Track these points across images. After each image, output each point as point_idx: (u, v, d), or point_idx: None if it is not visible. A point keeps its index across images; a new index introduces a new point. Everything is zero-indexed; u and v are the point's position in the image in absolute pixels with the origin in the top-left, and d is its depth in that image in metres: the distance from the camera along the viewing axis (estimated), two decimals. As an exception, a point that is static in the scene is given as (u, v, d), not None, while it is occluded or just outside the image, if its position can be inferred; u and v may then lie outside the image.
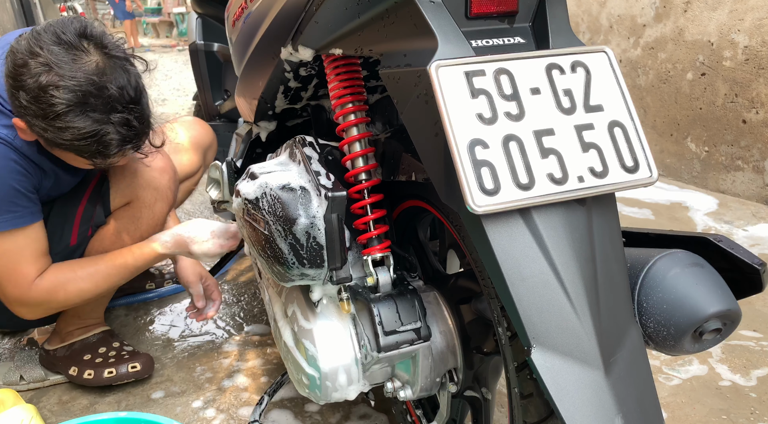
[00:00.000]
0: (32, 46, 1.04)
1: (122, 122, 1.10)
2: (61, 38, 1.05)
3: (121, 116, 1.09)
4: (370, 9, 0.71)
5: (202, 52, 2.09)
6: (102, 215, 1.40)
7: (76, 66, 1.05)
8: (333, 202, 0.82)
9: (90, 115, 1.06)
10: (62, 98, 1.04)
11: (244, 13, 1.13)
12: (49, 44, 1.05)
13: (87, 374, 1.44)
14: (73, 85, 1.04)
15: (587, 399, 0.60)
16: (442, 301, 0.96)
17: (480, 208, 0.59)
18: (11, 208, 1.17)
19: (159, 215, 1.47)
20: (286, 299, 1.03)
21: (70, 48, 1.05)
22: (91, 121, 1.07)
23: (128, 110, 1.10)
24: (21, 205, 1.18)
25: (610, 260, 0.65)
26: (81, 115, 1.06)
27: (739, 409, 1.33)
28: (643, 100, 2.93)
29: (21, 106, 1.06)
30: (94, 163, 1.17)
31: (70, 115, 1.05)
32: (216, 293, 1.56)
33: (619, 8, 2.98)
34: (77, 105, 1.05)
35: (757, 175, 2.48)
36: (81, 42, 1.07)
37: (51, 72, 1.03)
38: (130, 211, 1.43)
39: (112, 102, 1.08)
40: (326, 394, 0.94)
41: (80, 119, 1.06)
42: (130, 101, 1.10)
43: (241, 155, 1.34)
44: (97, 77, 1.06)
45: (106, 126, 1.08)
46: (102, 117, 1.07)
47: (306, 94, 1.12)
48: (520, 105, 0.63)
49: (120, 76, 1.09)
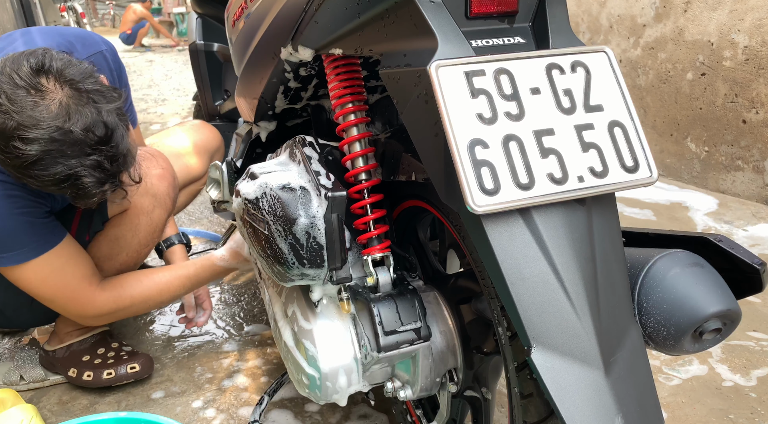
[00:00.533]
0: None
1: (94, 165, 1.02)
2: (14, 81, 0.97)
3: (93, 159, 1.01)
4: (370, 9, 0.71)
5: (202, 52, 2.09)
6: (99, 222, 1.40)
7: (36, 111, 0.97)
8: (333, 202, 0.82)
9: (59, 161, 0.99)
10: (28, 150, 0.97)
11: (244, 14, 1.13)
12: (9, 88, 0.97)
13: (86, 376, 1.44)
14: (38, 135, 0.96)
15: (587, 399, 0.60)
16: (442, 301, 0.96)
17: (480, 208, 0.59)
18: (32, 238, 1.17)
19: (157, 222, 1.47)
20: (286, 299, 1.03)
21: (28, 90, 0.97)
22: (62, 167, 1.00)
23: (98, 152, 1.02)
24: (41, 231, 1.19)
25: (610, 260, 0.65)
26: (51, 162, 0.99)
27: (739, 409, 1.33)
28: (643, 100, 2.93)
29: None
30: (74, 203, 1.11)
31: (39, 165, 0.99)
32: (207, 303, 1.59)
33: (619, 8, 2.98)
34: (45, 153, 0.98)
35: (757, 175, 2.48)
36: (39, 81, 0.98)
37: (12, 120, 0.96)
38: (128, 218, 1.43)
39: (79, 145, 0.99)
40: (326, 394, 0.94)
41: (50, 166, 0.99)
42: (98, 142, 1.01)
43: (241, 155, 1.35)
44: (61, 121, 0.97)
45: (78, 170, 1.01)
46: (72, 162, 1.00)
47: (306, 94, 1.12)
48: (520, 105, 0.63)
49: (86, 115, 1.00)
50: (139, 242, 1.43)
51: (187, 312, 1.56)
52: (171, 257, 1.59)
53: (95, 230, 1.39)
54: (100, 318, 1.34)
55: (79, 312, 1.29)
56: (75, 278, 1.26)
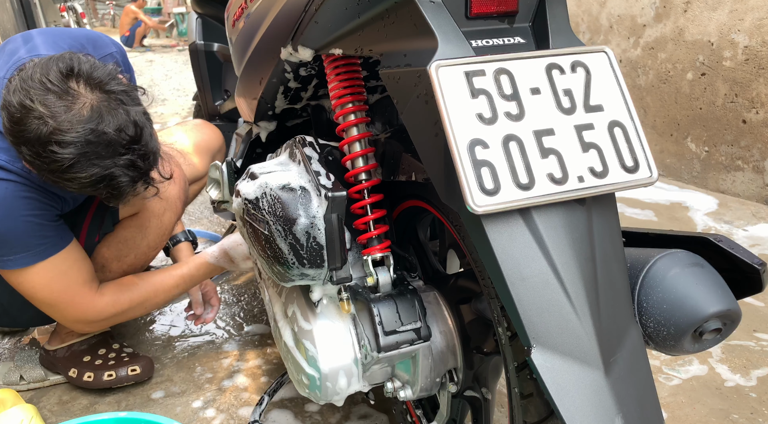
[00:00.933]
0: (22, 99, 0.99)
1: (127, 164, 1.06)
2: (47, 87, 1.00)
3: (126, 158, 1.05)
4: (370, 9, 0.71)
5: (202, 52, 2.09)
6: (110, 224, 1.41)
7: (70, 115, 1.00)
8: (333, 202, 0.82)
9: (95, 163, 1.03)
10: (64, 153, 1.00)
11: (244, 14, 1.13)
12: (40, 94, 0.99)
13: (87, 377, 1.44)
14: (73, 138, 1.00)
15: (587, 399, 0.60)
16: (442, 301, 0.96)
17: (480, 208, 0.59)
18: (39, 241, 1.18)
19: (167, 225, 1.49)
20: (286, 299, 1.03)
21: (60, 95, 1.00)
22: (97, 168, 1.03)
23: (131, 151, 1.06)
24: (48, 235, 1.19)
25: (610, 260, 0.65)
26: (86, 164, 1.02)
27: (739, 409, 1.33)
28: (643, 100, 2.93)
29: (26, 159, 1.05)
30: (106, 202, 1.16)
31: (76, 167, 1.02)
32: (215, 299, 1.59)
33: (619, 8, 2.98)
34: (80, 155, 1.01)
35: (757, 175, 2.48)
36: (69, 84, 1.01)
37: (47, 126, 0.99)
38: (139, 220, 1.44)
39: (113, 146, 1.03)
40: (326, 394, 0.94)
41: (85, 169, 1.03)
42: (131, 141, 1.05)
43: (241, 155, 1.34)
44: (94, 124, 1.01)
45: (113, 170, 1.05)
46: (107, 162, 1.04)
47: (306, 94, 1.12)
48: (520, 105, 0.63)
49: (117, 115, 1.03)
50: (148, 245, 1.45)
51: (195, 309, 1.57)
52: (177, 255, 1.60)
53: (105, 231, 1.40)
54: (98, 323, 1.33)
55: (77, 317, 1.29)
56: (77, 282, 1.26)
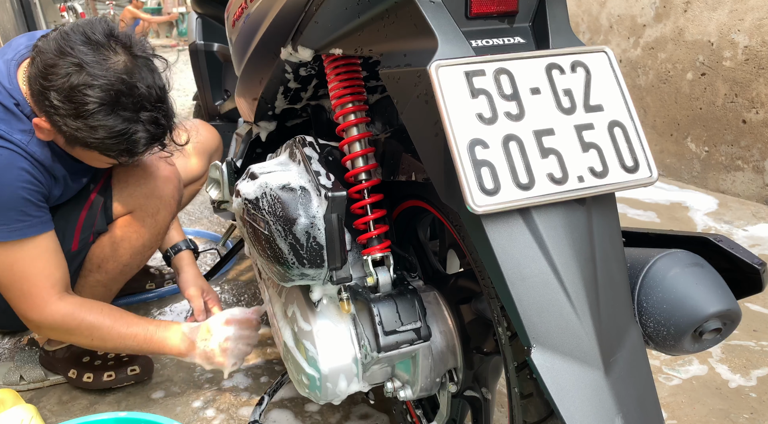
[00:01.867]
0: (62, 46, 1.05)
1: (150, 120, 1.12)
2: (89, 38, 1.07)
3: (150, 114, 1.11)
4: (370, 9, 0.71)
5: (202, 52, 2.09)
6: (104, 223, 1.38)
7: (106, 65, 1.06)
8: (333, 202, 0.82)
9: (120, 114, 1.08)
10: (95, 97, 1.05)
11: (244, 14, 1.13)
12: (78, 44, 1.06)
13: (86, 378, 1.44)
14: (105, 83, 1.05)
15: (587, 399, 0.60)
16: (442, 301, 0.96)
17: (480, 208, 0.59)
18: (21, 217, 1.15)
19: (162, 225, 1.46)
20: (286, 299, 1.03)
21: (98, 47, 1.07)
22: (121, 120, 1.08)
23: (156, 109, 1.12)
24: (31, 214, 1.17)
25: (610, 260, 0.65)
26: (112, 113, 1.07)
27: (739, 409, 1.33)
28: (643, 100, 2.93)
29: (51, 105, 1.07)
30: (119, 160, 1.19)
31: (102, 114, 1.07)
32: (217, 307, 1.57)
33: (619, 8, 2.98)
34: (109, 104, 1.06)
35: (757, 175, 2.48)
36: (109, 41, 1.09)
37: (82, 71, 1.04)
38: (133, 220, 1.42)
39: (141, 100, 1.10)
40: (326, 394, 0.94)
41: (111, 118, 1.07)
42: (157, 100, 1.12)
43: (241, 155, 1.34)
44: (127, 76, 1.08)
45: (136, 125, 1.10)
46: (132, 115, 1.09)
47: (306, 94, 1.12)
48: (520, 105, 0.63)
49: (147, 76, 1.11)
50: (143, 244, 1.43)
51: (197, 316, 1.54)
52: (179, 263, 1.57)
53: (99, 230, 1.38)
54: (46, 330, 1.27)
55: (26, 312, 1.21)
56: (41, 275, 1.20)
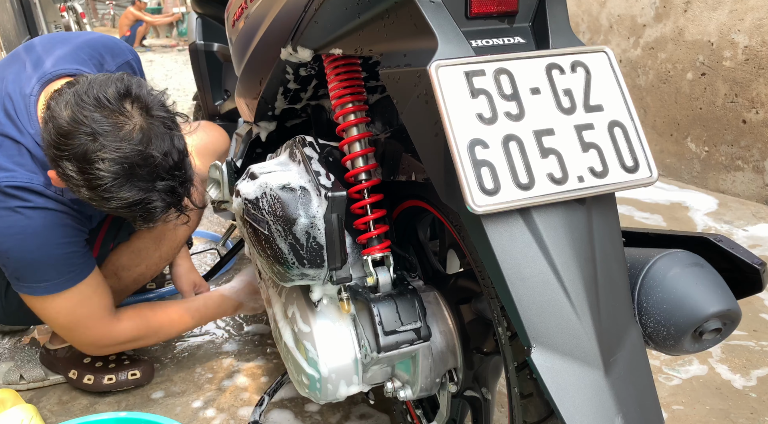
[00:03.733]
0: (75, 112, 0.99)
1: (167, 189, 1.06)
2: (102, 103, 1.00)
3: (166, 184, 1.06)
4: (370, 9, 0.71)
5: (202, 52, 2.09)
6: (126, 234, 1.42)
7: (121, 134, 1.00)
8: (333, 202, 0.82)
9: (135, 185, 1.03)
10: (108, 171, 0.99)
11: (244, 14, 1.13)
12: (92, 110, 0.99)
13: (87, 380, 1.44)
14: (119, 156, 0.99)
15: (587, 399, 0.60)
16: (442, 301, 0.96)
17: (480, 208, 0.59)
18: (70, 268, 1.19)
19: (181, 238, 1.51)
20: (286, 300, 1.03)
21: (112, 113, 1.00)
22: (136, 191, 1.03)
23: (173, 177, 1.06)
24: (78, 262, 1.20)
25: (610, 260, 0.65)
26: (126, 185, 1.02)
27: (739, 409, 1.33)
28: (643, 100, 2.93)
29: (65, 174, 1.02)
30: (135, 226, 1.18)
31: (116, 187, 1.01)
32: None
33: (619, 8, 2.98)
34: (123, 176, 1.01)
35: (757, 175, 2.48)
36: (124, 105, 1.02)
37: (96, 142, 0.98)
38: (154, 232, 1.45)
39: (157, 170, 1.03)
40: (326, 394, 0.94)
41: (126, 189, 1.02)
42: (174, 167, 1.06)
43: (241, 155, 1.34)
44: (143, 146, 1.01)
45: (151, 194, 1.05)
46: (147, 185, 1.04)
47: (305, 95, 1.12)
48: (520, 105, 0.63)
49: (164, 141, 1.04)
50: (160, 256, 1.46)
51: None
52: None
53: (120, 240, 1.42)
54: (111, 348, 1.35)
55: (93, 341, 1.30)
56: (99, 308, 1.27)
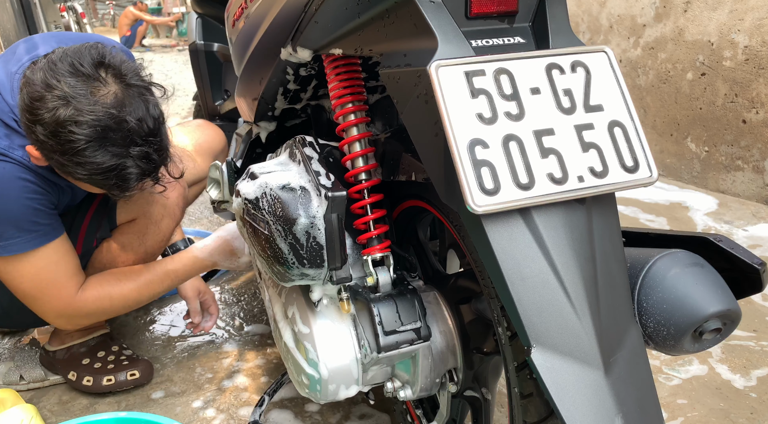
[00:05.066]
0: (48, 77, 0.99)
1: (141, 155, 1.06)
2: (77, 69, 1.01)
3: (141, 149, 1.05)
4: (370, 9, 0.71)
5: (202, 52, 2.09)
6: (107, 229, 1.39)
7: (94, 99, 1.00)
8: (333, 202, 0.82)
9: (109, 150, 1.02)
10: (81, 134, 0.99)
11: (244, 14, 1.13)
12: (66, 76, 1.00)
13: (86, 381, 1.44)
14: (92, 119, 0.99)
15: (587, 399, 0.60)
16: (442, 301, 0.96)
17: (480, 208, 0.59)
18: (33, 227, 1.15)
19: (165, 232, 1.47)
20: (287, 300, 1.03)
21: (87, 79, 1.01)
22: (110, 156, 1.02)
23: (147, 143, 1.06)
24: (42, 222, 1.17)
25: (610, 260, 0.65)
26: (100, 149, 1.01)
27: (739, 409, 1.33)
28: (643, 100, 2.93)
29: (37, 140, 1.02)
30: (110, 194, 1.15)
31: (89, 150, 1.01)
32: (213, 307, 1.58)
33: (619, 8, 2.98)
34: (96, 140, 1.00)
35: (757, 175, 2.48)
36: (98, 72, 1.02)
37: (69, 106, 0.98)
38: (136, 226, 1.43)
39: (131, 135, 1.03)
40: (326, 394, 0.94)
41: (99, 154, 1.02)
42: (149, 133, 1.06)
43: (241, 155, 1.34)
44: (116, 110, 1.01)
45: (126, 160, 1.04)
46: (121, 151, 1.03)
47: (305, 95, 1.12)
48: (520, 105, 0.63)
49: (139, 107, 1.04)
50: (145, 251, 1.44)
51: (193, 317, 1.55)
52: None
53: (103, 236, 1.39)
54: (79, 319, 1.30)
55: (59, 311, 1.25)
56: (65, 275, 1.23)
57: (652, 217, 2.45)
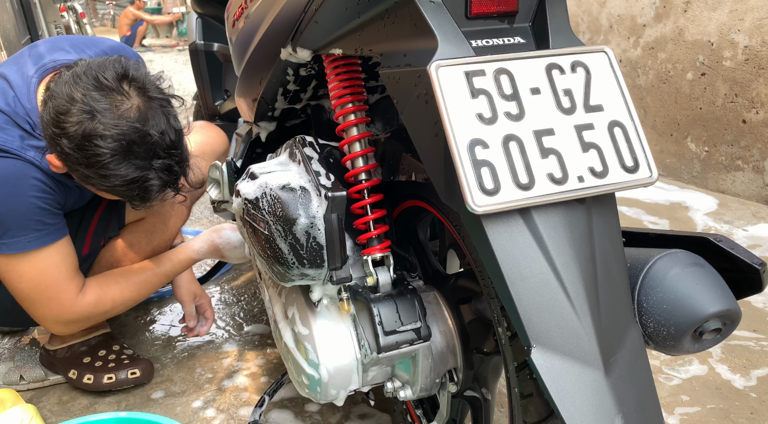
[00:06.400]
0: (72, 91, 1.02)
1: (163, 167, 1.09)
2: (102, 83, 1.03)
3: (163, 162, 1.08)
4: (370, 9, 0.71)
5: (202, 52, 2.09)
6: (116, 227, 1.41)
7: (118, 113, 1.03)
8: (333, 202, 0.82)
9: (133, 163, 1.05)
10: (106, 147, 1.02)
11: (244, 14, 1.13)
12: (91, 89, 1.02)
13: (86, 379, 1.44)
14: (117, 133, 1.02)
15: (587, 399, 0.60)
16: (442, 301, 0.96)
17: (480, 208, 0.59)
18: (38, 226, 1.16)
19: (172, 231, 1.49)
20: (287, 300, 1.03)
21: (110, 92, 1.03)
22: (133, 168, 1.06)
23: (169, 155, 1.09)
24: (47, 222, 1.18)
25: (610, 260, 0.65)
26: (124, 162, 1.05)
27: (739, 409, 1.33)
28: (643, 100, 2.93)
29: (63, 152, 1.04)
30: (132, 205, 1.17)
31: (114, 164, 1.04)
32: (209, 312, 1.58)
33: (619, 8, 2.98)
34: (121, 153, 1.03)
35: (757, 175, 2.48)
36: (122, 86, 1.05)
37: (94, 120, 1.01)
38: (144, 225, 1.45)
39: (154, 148, 1.06)
40: (326, 394, 0.94)
41: (123, 167, 1.05)
42: (170, 146, 1.09)
43: (241, 155, 1.34)
44: (140, 124, 1.04)
45: (148, 172, 1.07)
46: (144, 163, 1.06)
47: (305, 95, 1.12)
48: (520, 105, 0.63)
49: (161, 120, 1.07)
50: (152, 250, 1.45)
51: (188, 321, 1.55)
52: None
53: (111, 235, 1.41)
54: (77, 324, 1.30)
55: (58, 316, 1.25)
56: (66, 278, 1.23)
57: (655, 219, 2.44)
